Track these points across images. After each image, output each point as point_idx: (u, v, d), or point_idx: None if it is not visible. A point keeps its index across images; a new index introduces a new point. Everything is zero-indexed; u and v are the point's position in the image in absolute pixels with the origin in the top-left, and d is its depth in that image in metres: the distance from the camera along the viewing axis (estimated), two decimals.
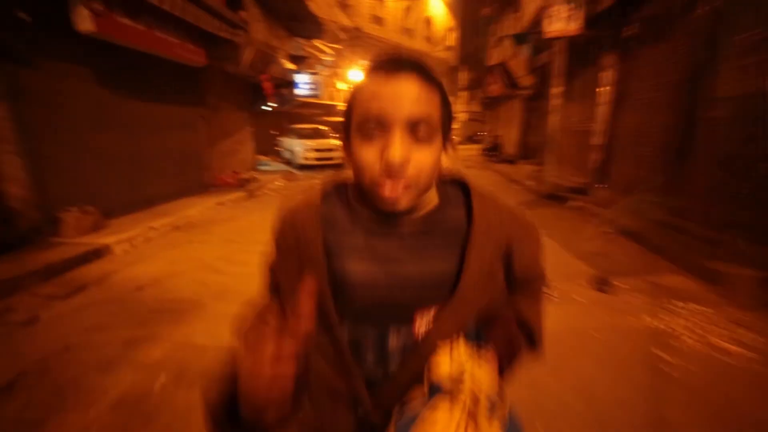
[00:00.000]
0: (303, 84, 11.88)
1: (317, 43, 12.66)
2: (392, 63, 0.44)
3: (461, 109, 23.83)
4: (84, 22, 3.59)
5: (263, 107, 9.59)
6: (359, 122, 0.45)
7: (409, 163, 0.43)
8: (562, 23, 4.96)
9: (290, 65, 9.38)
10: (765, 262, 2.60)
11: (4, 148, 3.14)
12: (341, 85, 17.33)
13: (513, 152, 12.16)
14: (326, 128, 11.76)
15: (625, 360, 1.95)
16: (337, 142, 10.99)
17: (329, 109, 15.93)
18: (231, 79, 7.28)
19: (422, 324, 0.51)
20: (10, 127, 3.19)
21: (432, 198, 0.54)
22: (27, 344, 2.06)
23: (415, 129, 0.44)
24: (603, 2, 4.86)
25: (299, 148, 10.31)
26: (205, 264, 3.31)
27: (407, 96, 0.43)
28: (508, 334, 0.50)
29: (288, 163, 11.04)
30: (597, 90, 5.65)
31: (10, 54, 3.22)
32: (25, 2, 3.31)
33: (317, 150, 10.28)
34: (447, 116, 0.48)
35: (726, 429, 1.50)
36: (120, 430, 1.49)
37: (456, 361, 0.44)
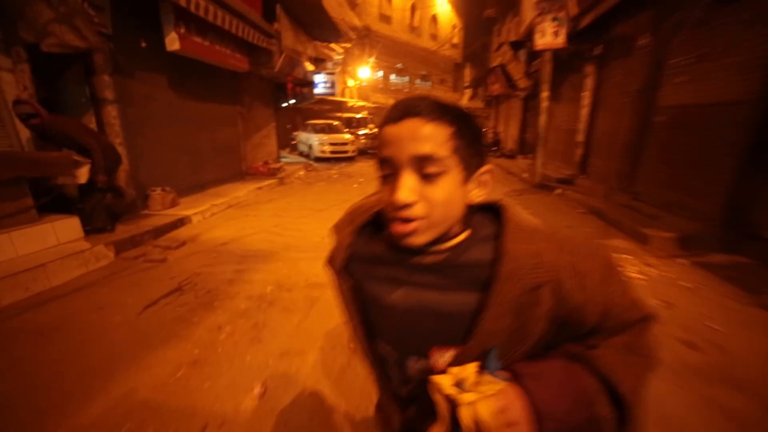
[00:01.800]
0: (321, 83, 12.83)
1: (332, 45, 13.54)
2: (396, 111, 0.48)
3: (465, 105, 24.57)
4: (173, 43, 4.62)
5: (283, 104, 10.57)
6: (379, 167, 0.50)
7: (418, 201, 0.46)
8: (550, 37, 5.87)
9: (311, 67, 10.32)
10: (681, 228, 3.63)
11: (116, 141, 4.17)
12: (351, 83, 18.24)
13: (513, 147, 13.06)
14: (338, 123, 12.75)
15: None
16: (350, 137, 12.03)
17: (340, 105, 16.90)
18: (261, 80, 8.27)
19: (439, 362, 0.51)
20: (119, 124, 4.22)
21: (462, 230, 0.52)
22: (170, 272, 3.11)
23: (421, 167, 0.45)
24: (582, 22, 5.80)
25: (316, 142, 11.32)
26: (265, 229, 4.34)
27: (408, 137, 0.45)
28: (566, 387, 0.44)
29: (305, 155, 12.04)
30: (581, 94, 6.61)
31: (121, 69, 4.24)
32: (129, 29, 4.31)
33: (332, 144, 11.29)
34: (464, 148, 0.47)
35: None
36: (256, 309, 2.51)
37: (459, 385, 0.42)
